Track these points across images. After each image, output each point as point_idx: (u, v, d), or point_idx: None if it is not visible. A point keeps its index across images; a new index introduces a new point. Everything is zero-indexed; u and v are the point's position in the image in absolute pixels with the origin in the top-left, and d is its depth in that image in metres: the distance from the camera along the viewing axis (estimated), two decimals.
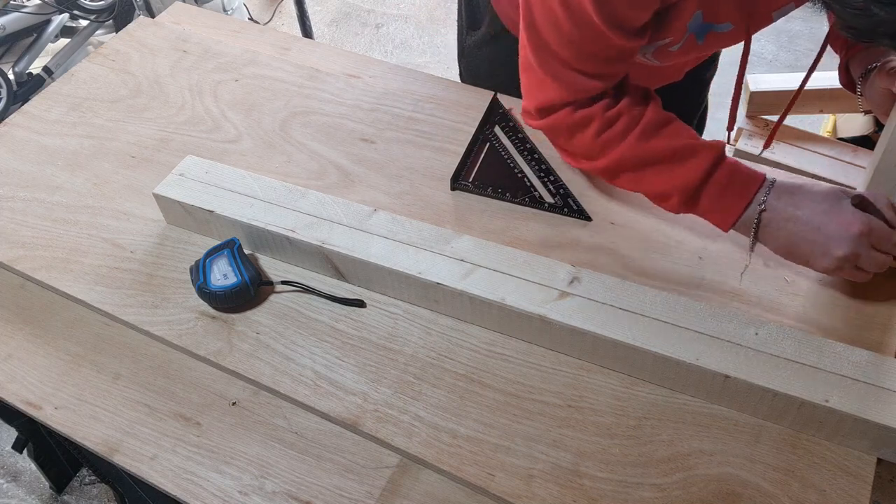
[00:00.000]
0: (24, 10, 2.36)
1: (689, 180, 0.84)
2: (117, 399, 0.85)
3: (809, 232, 0.81)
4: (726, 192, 0.84)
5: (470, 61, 1.24)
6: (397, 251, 0.87)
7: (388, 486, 0.77)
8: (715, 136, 1.52)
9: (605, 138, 0.87)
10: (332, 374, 0.84)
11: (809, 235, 0.81)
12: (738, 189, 0.84)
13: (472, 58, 1.22)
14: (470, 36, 1.21)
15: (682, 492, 0.73)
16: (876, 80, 0.88)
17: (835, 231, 0.79)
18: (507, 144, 1.06)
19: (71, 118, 1.17)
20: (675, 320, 0.79)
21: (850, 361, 0.75)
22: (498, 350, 0.85)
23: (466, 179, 1.02)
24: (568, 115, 0.87)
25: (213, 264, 0.90)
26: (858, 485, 0.73)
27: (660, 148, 0.85)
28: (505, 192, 1.00)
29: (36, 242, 0.99)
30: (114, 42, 1.30)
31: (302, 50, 1.27)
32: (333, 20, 3.05)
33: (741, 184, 0.84)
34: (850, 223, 0.79)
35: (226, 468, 0.79)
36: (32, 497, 1.69)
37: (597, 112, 0.86)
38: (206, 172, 0.98)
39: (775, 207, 0.82)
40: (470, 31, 1.21)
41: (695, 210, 0.88)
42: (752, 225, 0.84)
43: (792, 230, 0.82)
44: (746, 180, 0.84)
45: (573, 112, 0.87)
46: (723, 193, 0.84)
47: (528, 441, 0.78)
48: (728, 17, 0.84)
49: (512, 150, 1.06)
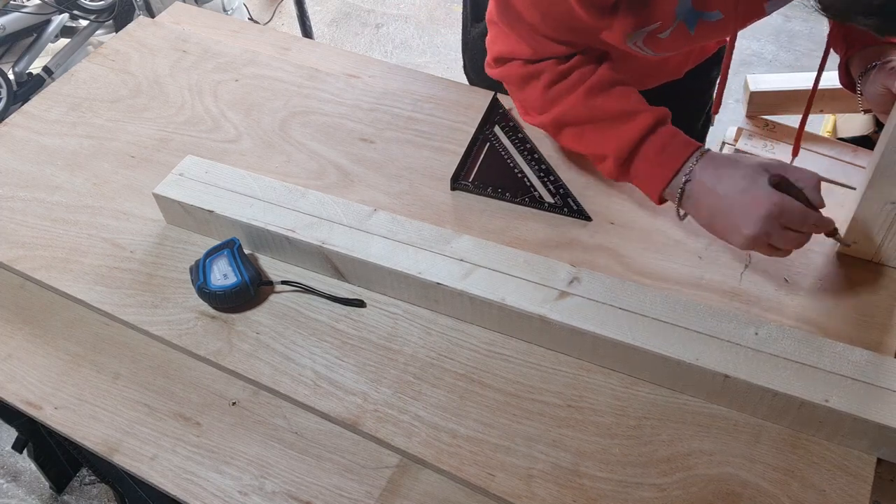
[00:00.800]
0: (24, 10, 2.36)
1: (623, 143, 0.85)
2: (117, 399, 0.85)
3: (725, 208, 0.81)
4: (657, 158, 0.84)
5: (474, 53, 1.25)
6: (397, 251, 0.87)
7: (387, 486, 0.77)
8: (714, 135, 1.53)
9: (555, 92, 0.88)
10: (331, 373, 0.84)
11: (725, 211, 0.81)
12: (668, 158, 0.84)
13: (476, 49, 1.23)
14: (474, 28, 1.21)
15: (681, 492, 0.73)
16: (876, 79, 0.88)
17: (745, 210, 0.79)
18: (507, 144, 1.06)
19: (71, 118, 1.17)
20: (675, 320, 0.79)
21: (850, 361, 0.75)
22: (498, 350, 0.85)
23: (466, 179, 1.02)
24: (521, 65, 0.89)
25: (212, 264, 0.90)
26: (858, 484, 0.73)
27: (604, 107, 0.86)
28: (505, 192, 1.00)
29: (36, 242, 0.99)
30: (114, 42, 1.30)
31: (301, 50, 1.27)
32: (333, 20, 3.05)
33: (673, 153, 0.84)
34: (759, 203, 0.78)
35: (226, 468, 0.79)
36: (32, 497, 1.69)
37: (549, 65, 0.87)
38: (205, 172, 0.98)
39: (699, 179, 0.82)
40: (474, 23, 1.21)
41: (627, 176, 0.88)
42: (677, 193, 0.84)
43: (711, 203, 0.82)
44: (679, 149, 0.84)
45: (526, 63, 0.88)
46: (654, 161, 0.85)
47: (527, 441, 0.78)
48: (718, 4, 0.83)
49: (512, 150, 1.05)
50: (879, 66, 0.88)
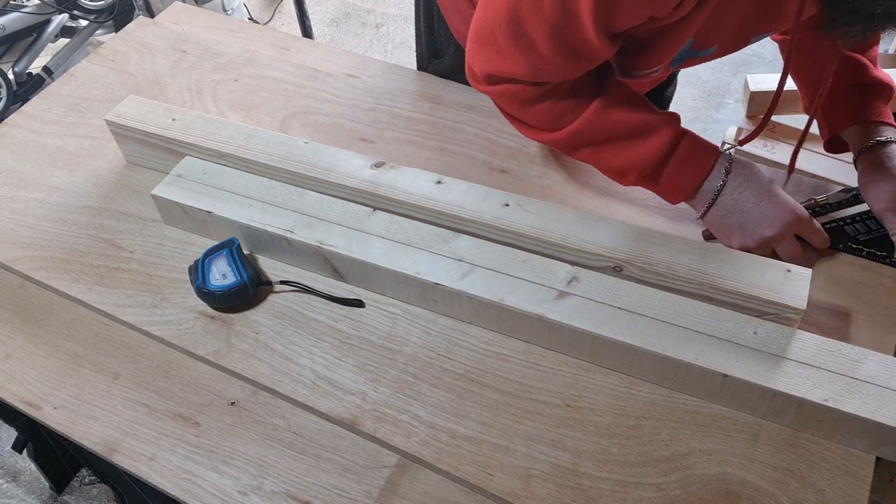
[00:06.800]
0: (24, 10, 2.36)
1: (648, 159, 0.85)
2: (116, 399, 0.86)
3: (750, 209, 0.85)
4: (684, 168, 0.86)
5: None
6: (395, 251, 0.87)
7: (386, 486, 0.77)
8: (714, 134, 1.53)
9: (564, 109, 0.85)
10: (330, 373, 0.84)
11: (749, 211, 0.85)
12: (695, 167, 0.86)
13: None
14: (433, 64, 1.21)
15: (680, 491, 0.73)
16: (879, 185, 0.90)
17: (767, 213, 0.85)
18: None
19: (70, 118, 1.17)
20: (674, 319, 0.79)
21: (850, 360, 0.75)
22: (497, 350, 0.85)
23: None
24: (524, 87, 0.84)
25: (211, 264, 0.90)
26: (857, 484, 0.73)
27: (620, 123, 0.85)
28: None
29: (35, 242, 0.99)
30: (113, 42, 1.30)
31: (301, 50, 1.27)
32: (333, 20, 3.05)
33: (698, 162, 0.86)
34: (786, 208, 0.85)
35: (224, 468, 0.79)
36: (32, 497, 1.69)
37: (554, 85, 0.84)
38: (204, 173, 0.98)
39: (731, 184, 0.86)
40: (432, 59, 1.20)
41: (649, 186, 0.89)
42: (709, 198, 0.87)
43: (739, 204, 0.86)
44: (703, 158, 0.86)
45: (528, 84, 0.84)
46: (680, 171, 0.86)
47: (526, 441, 0.78)
48: (715, 40, 0.85)
49: None
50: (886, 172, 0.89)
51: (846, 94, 0.95)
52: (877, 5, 0.65)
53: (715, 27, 0.81)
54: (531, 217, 0.87)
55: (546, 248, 0.86)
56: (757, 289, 0.79)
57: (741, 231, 0.86)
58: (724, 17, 0.80)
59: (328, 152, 0.96)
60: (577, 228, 0.86)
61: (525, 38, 0.77)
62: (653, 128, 0.85)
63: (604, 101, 0.85)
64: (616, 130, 0.86)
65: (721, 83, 2.57)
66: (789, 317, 0.78)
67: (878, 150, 0.90)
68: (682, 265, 0.82)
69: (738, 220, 0.86)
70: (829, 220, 0.93)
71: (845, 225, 0.92)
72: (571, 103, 0.85)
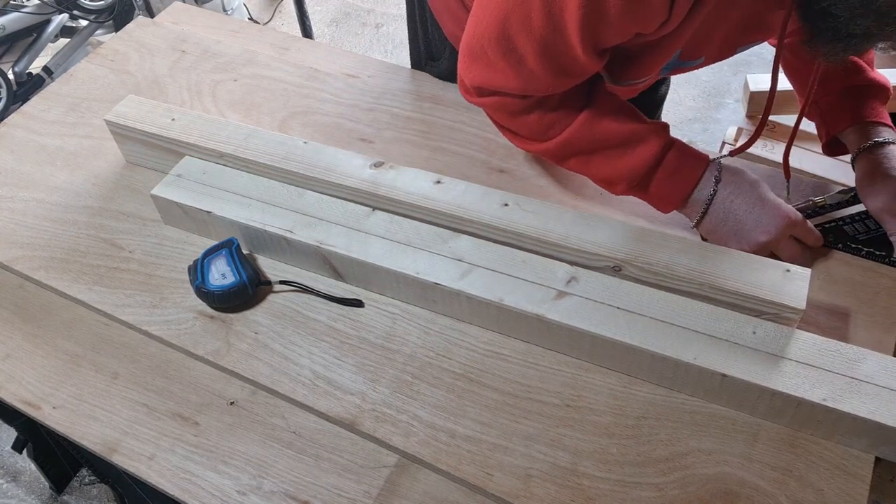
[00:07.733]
0: (24, 10, 2.36)
1: (637, 169, 0.86)
2: (116, 399, 0.86)
3: (742, 215, 0.85)
4: (673, 177, 0.86)
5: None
6: (395, 251, 0.87)
7: (386, 486, 0.77)
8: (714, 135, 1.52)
9: (553, 119, 0.86)
10: (330, 373, 0.84)
11: (742, 217, 0.85)
12: (683, 177, 0.86)
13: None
14: (430, 66, 1.21)
15: (679, 491, 0.73)
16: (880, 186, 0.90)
17: (761, 218, 0.85)
18: None
19: (70, 118, 1.17)
20: (673, 319, 0.79)
21: (849, 360, 0.75)
22: (496, 350, 0.85)
23: None
24: (513, 100, 0.85)
25: (211, 264, 0.90)
26: (856, 484, 0.73)
27: (609, 132, 0.86)
28: None
29: (35, 242, 0.99)
30: (113, 42, 1.30)
31: (301, 50, 1.27)
32: (333, 20, 3.05)
33: (687, 172, 0.86)
34: (779, 212, 0.85)
35: (224, 468, 0.79)
36: (32, 497, 1.69)
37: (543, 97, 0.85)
38: (203, 173, 0.98)
39: (723, 192, 0.86)
40: (429, 62, 1.21)
41: (638, 194, 0.90)
42: (700, 208, 0.87)
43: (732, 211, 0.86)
44: (692, 167, 0.86)
45: (516, 97, 0.84)
46: (669, 180, 0.86)
47: (526, 440, 0.78)
48: (703, 51, 0.86)
49: None
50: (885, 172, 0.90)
51: (843, 96, 0.95)
52: (856, 25, 0.65)
53: (702, 40, 0.82)
54: (530, 217, 0.87)
55: (545, 248, 0.86)
56: (756, 288, 0.79)
57: (737, 238, 0.86)
58: (711, 30, 0.80)
59: (328, 152, 0.96)
60: (577, 228, 0.86)
61: (514, 53, 0.78)
62: (641, 138, 0.85)
63: (592, 111, 0.85)
64: (604, 141, 0.86)
65: (721, 83, 2.57)
66: (788, 316, 0.78)
67: (875, 150, 0.91)
68: (682, 265, 0.82)
69: (732, 229, 0.86)
70: (828, 220, 0.93)
71: (844, 225, 0.93)
72: (560, 114, 0.86)
